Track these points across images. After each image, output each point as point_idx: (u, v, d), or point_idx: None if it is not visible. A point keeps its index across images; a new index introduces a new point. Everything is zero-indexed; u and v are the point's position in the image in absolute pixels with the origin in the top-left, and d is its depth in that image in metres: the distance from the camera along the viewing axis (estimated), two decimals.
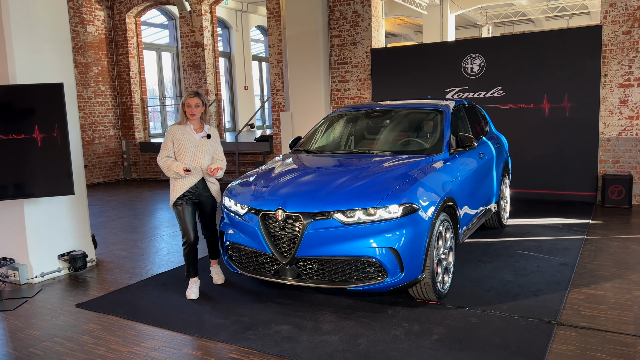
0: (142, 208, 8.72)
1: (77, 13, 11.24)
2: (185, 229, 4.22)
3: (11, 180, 4.51)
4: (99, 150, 11.86)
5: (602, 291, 4.16)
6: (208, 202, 4.34)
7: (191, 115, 4.17)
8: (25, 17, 4.76)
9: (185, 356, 3.31)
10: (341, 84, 9.45)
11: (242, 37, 16.32)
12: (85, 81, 11.50)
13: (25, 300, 4.41)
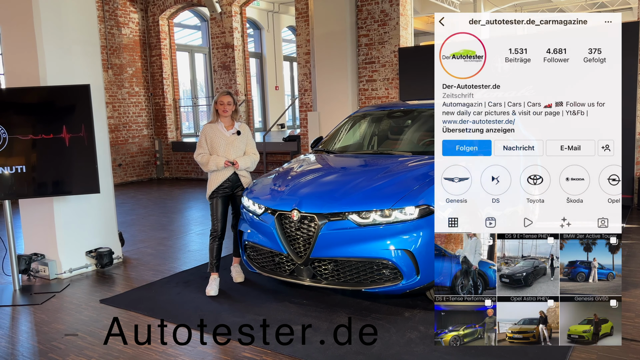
0: (172, 206, 8.89)
1: (112, 16, 11.55)
2: (214, 221, 4.47)
3: (39, 179, 4.67)
4: (133, 149, 12.16)
5: (631, 298, 4.00)
6: (240, 194, 4.54)
7: (223, 112, 4.40)
8: (56, 21, 4.92)
9: (200, 353, 3.36)
10: (369, 83, 9.40)
11: (273, 37, 16.43)
12: (120, 82, 11.80)
13: (53, 294, 4.56)
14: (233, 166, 4.38)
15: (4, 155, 4.52)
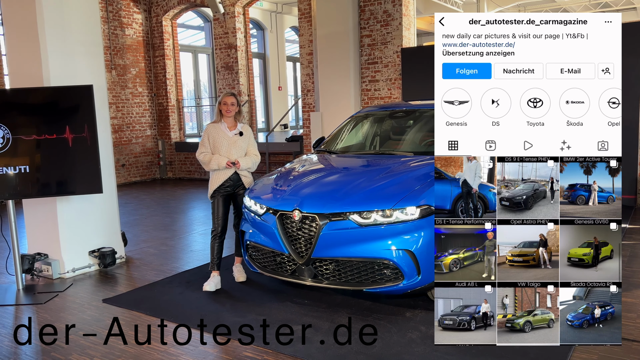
0: (175, 206, 8.92)
1: (116, 17, 11.59)
2: (214, 220, 4.52)
3: (43, 179, 4.69)
4: (136, 149, 12.20)
5: (632, 299, 3.99)
6: (242, 194, 4.57)
7: (226, 112, 4.47)
8: (59, 22, 4.95)
9: (201, 353, 3.37)
10: (371, 83, 9.40)
11: (276, 38, 16.45)
12: (124, 82, 11.85)
13: (56, 294, 4.58)
14: (234, 166, 4.41)
15: (8, 155, 4.55)
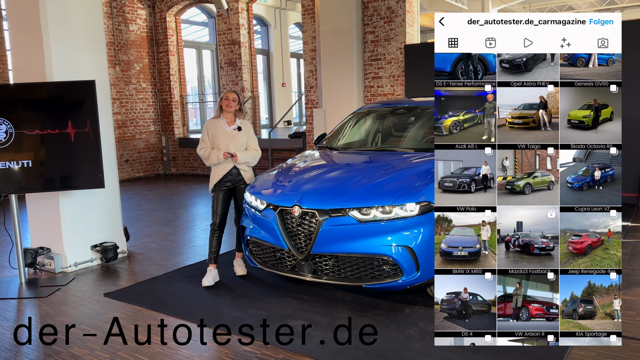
0: (178, 202, 8.95)
1: (120, 12, 11.61)
2: (213, 213, 4.58)
3: (45, 174, 4.72)
4: (140, 145, 12.24)
5: (632, 296, 3.99)
6: (242, 188, 4.61)
7: (227, 107, 4.54)
8: (62, 18, 4.97)
9: (201, 347, 3.39)
10: (374, 80, 9.39)
11: (280, 34, 16.44)
12: (127, 78, 11.87)
13: (58, 288, 4.62)
14: (232, 158, 4.46)
15: (11, 150, 4.58)
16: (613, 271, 3.03)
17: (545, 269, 3.05)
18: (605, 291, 3.03)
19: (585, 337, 3.06)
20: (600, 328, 3.05)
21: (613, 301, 3.04)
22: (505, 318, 3.10)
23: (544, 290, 3.05)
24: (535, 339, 3.08)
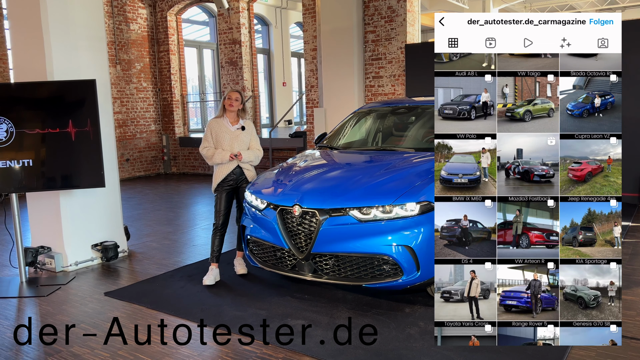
0: (179, 201, 8.95)
1: (120, 11, 11.61)
2: (216, 213, 4.60)
3: (46, 173, 4.73)
4: (141, 144, 12.24)
5: (632, 296, 3.99)
6: (245, 187, 4.61)
7: (229, 106, 4.56)
8: (63, 17, 4.97)
9: (201, 346, 3.40)
10: (375, 80, 9.39)
11: (281, 33, 16.44)
12: (128, 77, 11.88)
13: (59, 287, 4.63)
14: (237, 158, 4.47)
15: (12, 149, 4.59)
16: (613, 198, 3.01)
17: (545, 196, 3.03)
18: (605, 218, 3.01)
19: (585, 264, 3.03)
20: (600, 255, 3.03)
21: (613, 228, 3.02)
22: (505, 245, 3.07)
23: (544, 217, 3.04)
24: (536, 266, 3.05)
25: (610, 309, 3.03)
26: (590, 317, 3.05)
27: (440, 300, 3.12)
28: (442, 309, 3.13)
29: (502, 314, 3.11)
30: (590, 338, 3.06)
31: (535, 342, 3.09)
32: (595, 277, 3.03)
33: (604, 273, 3.04)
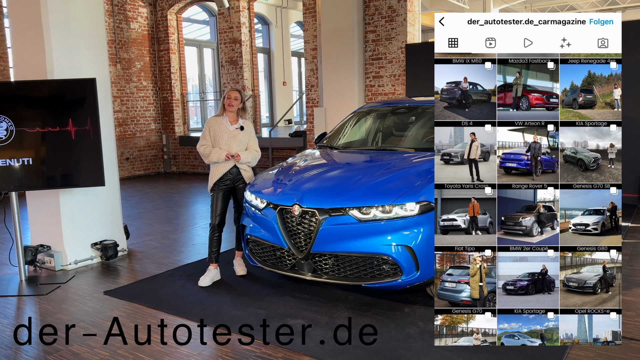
0: (178, 200, 8.95)
1: (121, 10, 11.61)
2: (212, 213, 4.56)
3: (46, 171, 4.73)
4: (141, 143, 12.24)
5: (632, 297, 3.99)
6: (242, 188, 4.60)
7: (229, 105, 4.53)
8: (63, 15, 4.97)
9: (200, 346, 3.40)
10: (375, 79, 9.39)
11: (281, 33, 16.43)
12: (128, 76, 11.87)
13: (58, 285, 4.63)
14: (233, 158, 4.46)
15: (11, 147, 4.59)
16: (613, 60, 2.99)
17: (545, 58, 3.00)
18: (605, 80, 2.99)
19: (585, 127, 3.00)
20: (600, 117, 3.01)
21: (613, 90, 3.00)
22: (505, 107, 3.04)
23: (544, 79, 3.02)
24: (536, 128, 3.01)
25: (610, 171, 3.00)
26: (590, 180, 3.01)
27: (440, 162, 3.09)
28: (442, 171, 3.09)
29: (502, 176, 3.07)
30: (590, 200, 3.02)
31: (535, 205, 3.06)
32: (595, 140, 2.99)
33: (604, 135, 3.00)
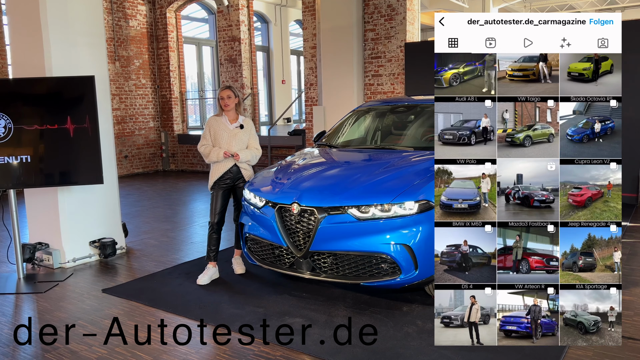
0: (177, 198, 8.94)
1: (120, 8, 11.58)
2: (212, 212, 4.55)
3: (44, 169, 4.72)
4: (139, 141, 12.22)
5: (630, 296, 4.00)
6: (242, 186, 4.59)
7: (225, 106, 4.49)
8: (62, 12, 4.96)
9: (198, 344, 3.39)
10: (374, 78, 9.38)
11: (280, 31, 16.41)
12: (127, 74, 11.85)
13: (56, 283, 4.62)
14: (233, 157, 4.44)
15: (10, 145, 4.58)
16: (613, 224, 3.02)
17: (545, 221, 3.04)
18: (605, 244, 3.02)
19: (585, 290, 3.04)
20: (600, 280, 3.04)
21: (613, 254, 3.03)
22: (505, 270, 3.08)
23: (544, 242, 3.05)
24: (536, 291, 3.06)
25: (610, 334, 3.05)
26: (590, 342, 3.06)
27: (440, 325, 3.13)
28: (442, 334, 3.14)
29: (502, 339, 3.12)
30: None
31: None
32: (595, 303, 3.05)
33: (604, 298, 3.06)
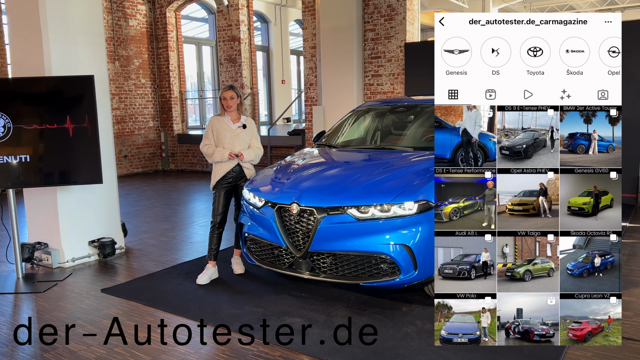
0: (177, 198, 8.94)
1: (119, 7, 11.57)
2: (214, 211, 4.56)
3: (43, 169, 4.72)
4: (139, 141, 12.22)
5: (630, 297, 4.00)
6: (242, 186, 4.59)
7: (227, 107, 4.51)
8: (61, 12, 4.95)
9: (197, 344, 3.39)
10: (374, 78, 9.38)
11: (280, 31, 16.41)
12: (127, 74, 11.85)
13: (55, 283, 4.61)
14: (237, 158, 4.45)
15: (9, 144, 4.57)
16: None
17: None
18: None
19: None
20: None
21: None
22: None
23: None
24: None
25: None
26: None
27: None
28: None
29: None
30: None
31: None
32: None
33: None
